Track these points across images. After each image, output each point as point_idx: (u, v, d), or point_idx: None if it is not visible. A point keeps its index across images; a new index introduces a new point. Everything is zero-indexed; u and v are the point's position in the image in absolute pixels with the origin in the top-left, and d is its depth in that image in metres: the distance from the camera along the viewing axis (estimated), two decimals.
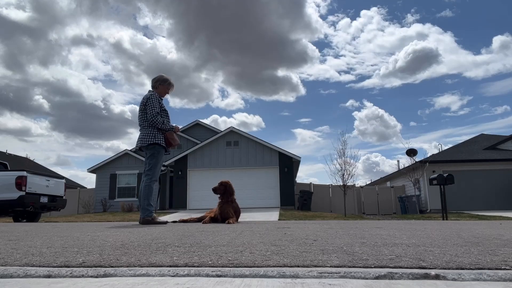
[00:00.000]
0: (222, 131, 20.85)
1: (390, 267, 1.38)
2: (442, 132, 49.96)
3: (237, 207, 5.20)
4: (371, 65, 51.03)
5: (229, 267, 1.41)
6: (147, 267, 1.43)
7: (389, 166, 62.24)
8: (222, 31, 44.54)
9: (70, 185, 23.03)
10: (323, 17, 52.61)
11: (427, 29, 48.43)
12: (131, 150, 21.45)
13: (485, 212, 15.11)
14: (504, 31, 47.61)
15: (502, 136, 22.13)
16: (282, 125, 53.71)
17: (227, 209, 4.99)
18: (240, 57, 47.59)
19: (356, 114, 51.89)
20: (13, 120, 52.64)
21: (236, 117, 54.14)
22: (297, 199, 18.70)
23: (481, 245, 2.03)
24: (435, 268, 1.36)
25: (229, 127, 20.62)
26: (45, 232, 3.24)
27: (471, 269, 1.35)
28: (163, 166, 5.01)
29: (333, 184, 18.35)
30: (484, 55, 47.89)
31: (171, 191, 20.82)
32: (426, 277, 1.24)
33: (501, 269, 1.35)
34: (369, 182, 31.35)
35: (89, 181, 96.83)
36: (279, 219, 11.04)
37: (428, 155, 20.39)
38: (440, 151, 22.34)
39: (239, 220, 5.26)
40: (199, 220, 5.25)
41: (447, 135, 52.43)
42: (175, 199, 19.78)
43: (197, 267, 1.42)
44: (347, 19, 52.00)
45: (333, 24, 53.58)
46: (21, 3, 43.41)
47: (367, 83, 52.29)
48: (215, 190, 5.19)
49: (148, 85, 5.36)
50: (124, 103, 58.12)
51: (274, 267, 1.40)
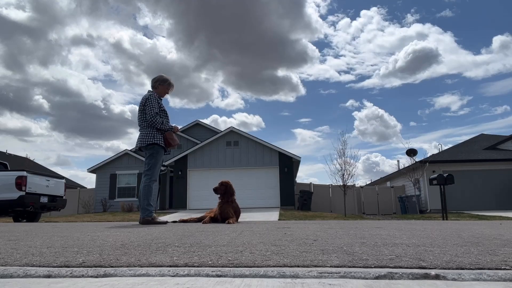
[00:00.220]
0: (222, 131, 20.85)
1: (390, 267, 1.38)
2: (442, 132, 50.02)
3: (237, 207, 5.20)
4: (371, 65, 51.09)
5: (229, 267, 1.41)
6: (147, 267, 1.43)
7: (389, 166, 62.30)
8: (222, 31, 44.58)
9: (70, 185, 23.03)
10: (323, 17, 52.68)
11: (427, 29, 48.49)
12: (131, 150, 21.45)
13: (485, 212, 15.11)
14: (504, 31, 47.67)
15: (502, 136, 22.14)
16: (282, 125, 53.78)
17: (227, 209, 4.99)
18: (240, 57, 47.63)
19: (356, 114, 51.96)
20: (13, 120, 52.70)
21: (236, 117, 54.21)
22: (297, 199, 18.70)
23: (481, 245, 2.03)
24: (435, 268, 1.36)
25: (229, 127, 20.63)
26: (45, 232, 3.24)
27: (471, 269, 1.35)
28: (163, 166, 5.00)
29: (333, 184, 18.37)
30: (484, 55, 47.95)
31: (171, 191, 20.83)
32: (426, 277, 1.24)
33: (501, 269, 1.35)
34: (369, 182, 31.38)
35: (89, 181, 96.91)
36: (279, 219, 11.04)
37: (428, 155, 20.42)
38: (440, 151, 22.35)
39: (239, 220, 5.26)
40: (199, 220, 5.25)
41: (447, 135, 52.50)
42: (175, 199, 19.78)
43: (197, 267, 1.42)
44: (347, 19, 52.06)
45: (333, 24, 53.64)
46: (21, 3, 43.45)
47: (367, 83, 52.35)
48: (215, 190, 5.19)
49: (148, 85, 5.36)
50: (124, 103, 58.17)
51: (274, 267, 1.40)
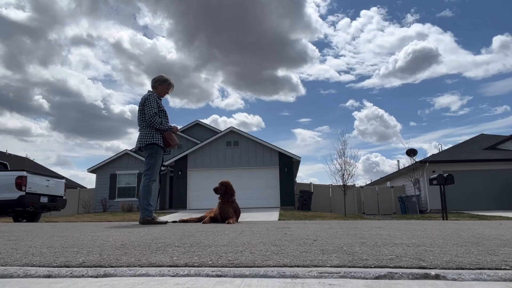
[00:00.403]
0: (222, 131, 20.85)
1: (390, 267, 1.38)
2: (442, 132, 50.02)
3: (237, 207, 5.20)
4: (371, 65, 51.09)
5: (229, 267, 1.41)
6: (147, 267, 1.43)
7: (389, 166, 62.25)
8: (222, 31, 44.58)
9: (70, 185, 23.03)
10: (323, 17, 52.70)
11: (427, 29, 48.50)
12: (131, 150, 21.45)
13: (485, 212, 15.11)
14: (504, 31, 47.67)
15: (502, 136, 22.14)
16: (282, 125, 53.78)
17: (227, 209, 4.99)
18: (240, 57, 47.63)
19: (356, 114, 51.96)
20: (13, 120, 52.66)
21: (236, 117, 54.21)
22: (297, 199, 18.70)
23: (481, 245, 2.03)
24: (435, 268, 1.36)
25: (229, 127, 20.63)
26: (45, 232, 3.24)
27: (471, 269, 1.35)
28: (163, 166, 5.00)
29: (333, 184, 18.37)
30: (484, 55, 47.95)
31: (171, 191, 20.82)
32: (426, 277, 1.24)
33: (501, 269, 1.34)
34: (369, 182, 31.38)
35: (89, 181, 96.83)
36: (279, 219, 11.04)
37: (428, 155, 20.42)
38: (440, 151, 22.35)
39: (239, 220, 5.26)
40: (199, 220, 5.25)
41: (447, 135, 52.49)
42: (175, 199, 19.78)
43: (197, 267, 1.42)
44: (347, 19, 52.08)
45: (333, 24, 53.64)
46: (21, 3, 43.45)
47: (367, 83, 52.35)
48: (216, 190, 5.18)
49: (148, 85, 5.36)
50: (124, 103, 58.17)
51: (274, 267, 1.40)
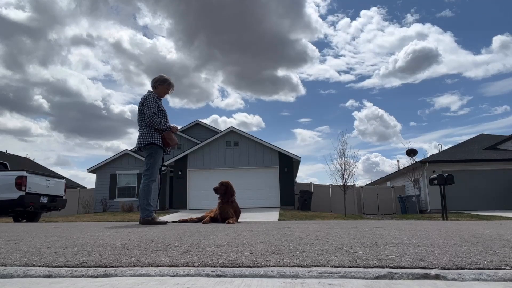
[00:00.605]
0: (222, 131, 20.85)
1: (390, 267, 1.38)
2: (442, 132, 50.02)
3: (237, 207, 5.20)
4: (371, 65, 51.08)
5: (229, 267, 1.41)
6: (147, 267, 1.43)
7: (389, 166, 62.23)
8: (222, 31, 44.56)
9: (70, 185, 23.03)
10: (323, 17, 52.68)
11: (427, 29, 48.49)
12: (131, 150, 21.44)
13: (485, 212, 15.11)
14: (504, 31, 47.68)
15: (502, 136, 22.14)
16: (282, 125, 53.77)
17: (227, 209, 4.99)
18: (240, 57, 47.60)
19: (356, 114, 51.96)
20: (13, 120, 52.69)
21: (236, 117, 54.20)
22: (297, 199, 18.70)
23: (481, 245, 2.03)
24: (435, 268, 1.36)
25: (229, 127, 20.63)
26: (45, 232, 3.24)
27: (471, 269, 1.35)
28: (163, 166, 5.00)
29: (333, 184, 18.37)
30: (484, 55, 47.94)
31: (171, 191, 20.82)
32: (426, 277, 1.24)
33: (501, 269, 1.34)
34: (369, 182, 31.35)
35: (89, 181, 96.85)
36: (279, 219, 11.04)
37: (428, 155, 20.41)
38: (440, 151, 22.33)
39: (239, 220, 5.26)
40: (199, 220, 5.25)
41: (447, 135, 52.49)
42: (175, 199, 19.78)
43: (197, 267, 1.42)
44: (347, 19, 52.07)
45: (333, 24, 53.63)
46: (21, 3, 43.44)
47: (367, 83, 52.34)
48: (216, 190, 5.18)
49: (148, 85, 5.36)
50: (124, 103, 58.17)
51: (274, 267, 1.40)
